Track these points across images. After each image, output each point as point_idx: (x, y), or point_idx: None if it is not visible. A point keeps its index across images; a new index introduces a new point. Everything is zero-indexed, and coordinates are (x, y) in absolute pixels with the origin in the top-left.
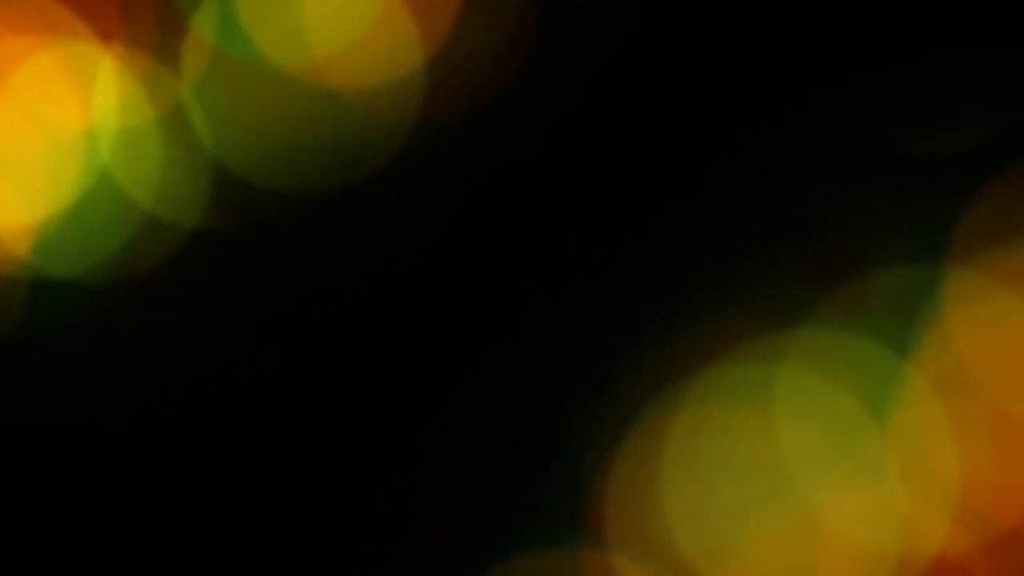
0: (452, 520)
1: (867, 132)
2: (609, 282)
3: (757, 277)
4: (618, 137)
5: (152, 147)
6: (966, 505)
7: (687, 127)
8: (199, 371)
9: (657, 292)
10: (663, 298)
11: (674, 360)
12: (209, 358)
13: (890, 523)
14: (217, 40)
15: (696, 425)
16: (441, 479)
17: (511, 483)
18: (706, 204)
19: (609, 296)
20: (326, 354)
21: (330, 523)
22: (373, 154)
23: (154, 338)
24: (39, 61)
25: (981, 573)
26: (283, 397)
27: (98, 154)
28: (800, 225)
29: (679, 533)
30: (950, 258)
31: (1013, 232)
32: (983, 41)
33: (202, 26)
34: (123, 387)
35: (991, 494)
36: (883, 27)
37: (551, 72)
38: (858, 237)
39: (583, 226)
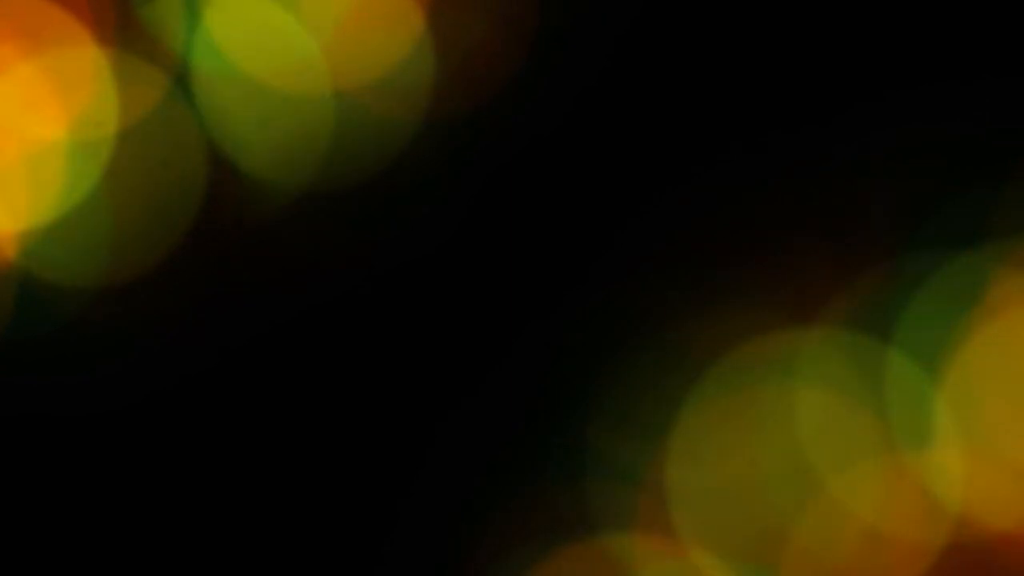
0: (455, 520)
1: (884, 125)
2: (621, 279)
3: (776, 274)
4: (626, 134)
5: (148, 149)
6: (980, 502)
7: (700, 119)
8: (199, 372)
9: (671, 286)
10: (678, 292)
11: (688, 357)
12: (209, 359)
13: (901, 517)
14: (214, 41)
15: (711, 420)
16: (442, 480)
17: (515, 483)
18: (724, 198)
19: (620, 293)
20: (327, 354)
21: (331, 524)
22: (372, 153)
23: (153, 341)
24: (33, 64)
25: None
26: (284, 398)
27: (94, 157)
28: (816, 222)
29: (689, 528)
30: (965, 254)
31: None
32: (998, 34)
33: (201, 28)
34: (124, 389)
35: (1007, 493)
36: (899, 18)
37: (555, 69)
38: (873, 234)
39: (593, 224)
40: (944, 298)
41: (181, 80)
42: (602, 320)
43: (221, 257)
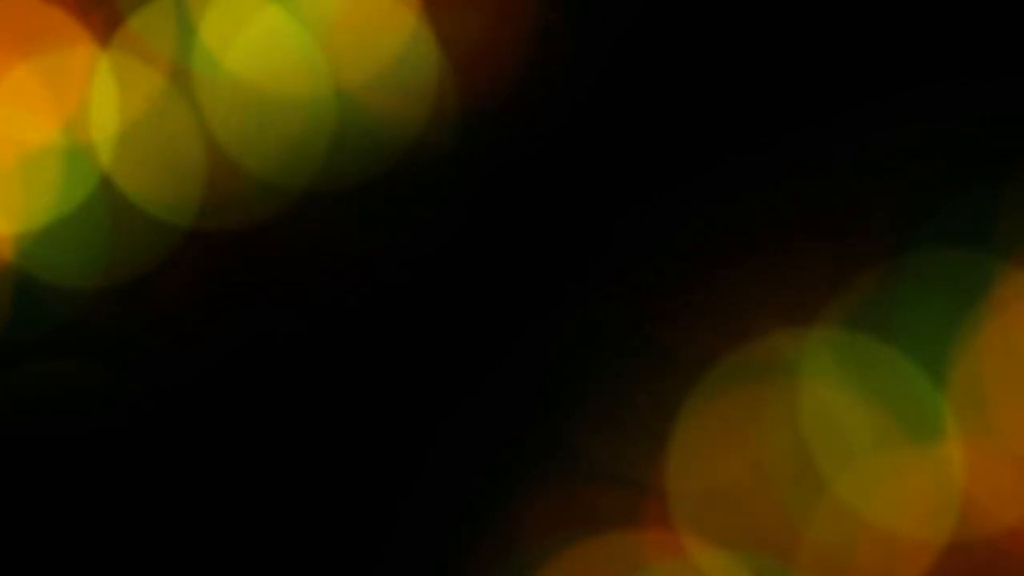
0: (455, 520)
1: (884, 125)
2: (621, 280)
3: (776, 274)
4: (626, 134)
5: (148, 149)
6: (982, 500)
7: (700, 120)
8: (199, 372)
9: (671, 286)
10: (678, 292)
11: (688, 357)
12: (209, 359)
13: (903, 516)
14: (214, 41)
15: (712, 420)
16: (441, 480)
17: (515, 483)
18: (723, 198)
19: (620, 294)
20: (327, 354)
21: (331, 524)
22: (372, 152)
23: (152, 341)
24: (33, 66)
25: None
26: (284, 398)
27: (95, 158)
28: (816, 222)
29: (691, 528)
30: (966, 253)
31: None
32: (1004, 32)
33: (201, 28)
34: (124, 389)
35: (1009, 491)
36: (899, 18)
37: (555, 68)
38: (874, 234)
39: (593, 224)
40: (945, 297)
41: (181, 80)
42: (602, 321)
43: (221, 257)
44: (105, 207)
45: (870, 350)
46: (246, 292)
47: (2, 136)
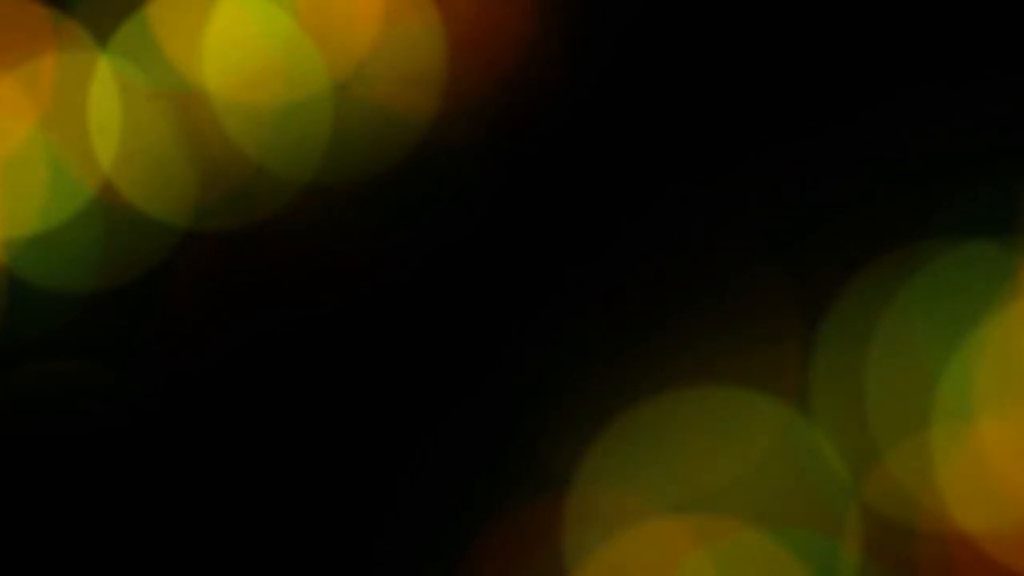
0: (447, 524)
1: (886, 125)
2: (627, 278)
3: (777, 274)
4: (630, 133)
5: (148, 151)
6: (986, 499)
7: (704, 119)
8: (200, 372)
9: (672, 286)
10: (679, 292)
11: (688, 357)
12: (210, 359)
13: (906, 514)
14: (213, 39)
15: (712, 420)
16: (433, 484)
17: (514, 485)
18: (725, 198)
19: (623, 293)
20: (328, 353)
21: (329, 525)
22: (373, 151)
23: (154, 342)
24: (30, 68)
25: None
26: (286, 396)
27: (95, 160)
28: (818, 221)
29: (691, 528)
30: (970, 252)
31: None
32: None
33: (200, 27)
34: (126, 389)
35: (1011, 491)
36: (901, 17)
37: (559, 64)
38: (876, 234)
39: (592, 224)
40: (950, 294)
41: (179, 80)
42: (605, 319)
43: (220, 257)
44: (104, 208)
45: (874, 349)
46: (246, 292)
47: (1, 140)
